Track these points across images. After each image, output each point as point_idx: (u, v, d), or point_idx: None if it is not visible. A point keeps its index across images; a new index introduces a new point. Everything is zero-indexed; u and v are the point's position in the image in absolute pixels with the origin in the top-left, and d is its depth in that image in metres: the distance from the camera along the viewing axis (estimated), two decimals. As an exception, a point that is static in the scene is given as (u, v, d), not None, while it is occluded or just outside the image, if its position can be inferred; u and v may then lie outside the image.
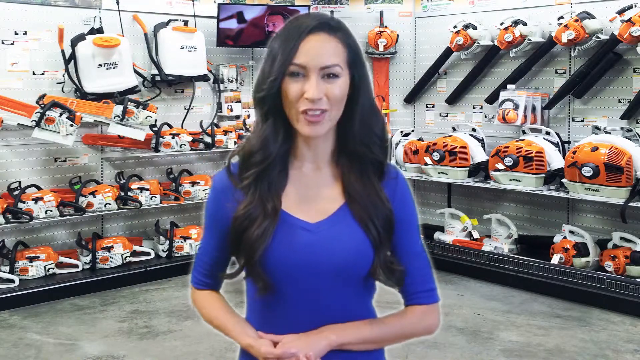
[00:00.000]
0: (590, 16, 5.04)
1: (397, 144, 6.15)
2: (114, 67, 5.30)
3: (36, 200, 4.93)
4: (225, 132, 5.99)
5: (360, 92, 1.38)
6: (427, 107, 6.42)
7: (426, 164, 5.73)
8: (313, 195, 1.41)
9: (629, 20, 4.74)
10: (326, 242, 1.37)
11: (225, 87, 6.21)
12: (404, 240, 1.43)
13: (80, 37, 5.22)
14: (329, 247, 1.36)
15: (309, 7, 6.36)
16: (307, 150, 1.40)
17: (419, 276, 1.43)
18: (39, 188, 5.11)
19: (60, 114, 4.93)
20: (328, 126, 1.35)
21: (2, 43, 5.11)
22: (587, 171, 4.67)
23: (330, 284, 1.37)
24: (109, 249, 5.25)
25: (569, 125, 5.43)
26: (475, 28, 5.77)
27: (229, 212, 1.39)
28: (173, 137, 5.65)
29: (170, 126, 5.73)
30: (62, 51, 5.18)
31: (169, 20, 5.78)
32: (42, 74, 5.28)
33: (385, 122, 1.44)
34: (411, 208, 1.46)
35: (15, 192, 4.96)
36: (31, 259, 4.95)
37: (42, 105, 4.92)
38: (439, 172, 5.68)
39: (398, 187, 1.44)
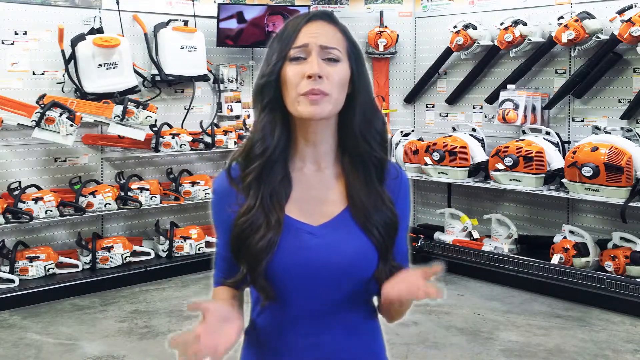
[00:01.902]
0: (590, 16, 5.04)
1: (397, 144, 6.15)
2: (114, 67, 5.30)
3: (36, 200, 4.93)
4: (225, 132, 5.98)
5: (360, 87, 1.38)
6: (427, 107, 6.42)
7: (426, 164, 5.72)
8: (314, 197, 1.39)
9: (629, 20, 4.74)
10: (330, 244, 1.36)
11: (225, 87, 6.21)
12: (396, 239, 1.42)
13: (80, 37, 5.21)
14: (333, 249, 1.35)
15: (309, 7, 6.36)
16: (307, 147, 1.39)
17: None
18: (39, 188, 5.11)
19: (60, 114, 4.93)
20: (327, 109, 1.33)
21: (2, 43, 5.11)
22: (587, 171, 4.67)
23: (333, 285, 1.36)
24: (109, 249, 5.25)
25: (569, 125, 5.43)
26: (475, 28, 5.77)
27: (230, 216, 1.38)
28: (173, 137, 5.65)
29: (170, 126, 5.73)
30: (62, 51, 5.18)
31: (169, 20, 5.78)
32: (42, 74, 5.27)
33: (385, 122, 1.44)
34: (409, 209, 1.48)
35: (15, 192, 4.96)
36: (31, 259, 4.95)
37: (42, 105, 4.92)
38: (439, 172, 5.68)
39: (402, 189, 1.44)
